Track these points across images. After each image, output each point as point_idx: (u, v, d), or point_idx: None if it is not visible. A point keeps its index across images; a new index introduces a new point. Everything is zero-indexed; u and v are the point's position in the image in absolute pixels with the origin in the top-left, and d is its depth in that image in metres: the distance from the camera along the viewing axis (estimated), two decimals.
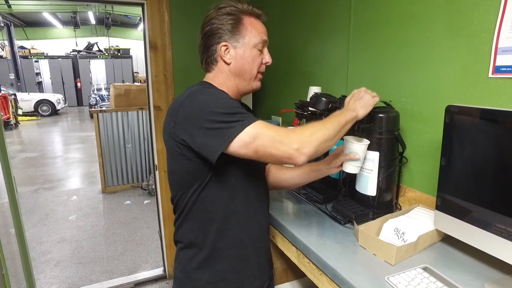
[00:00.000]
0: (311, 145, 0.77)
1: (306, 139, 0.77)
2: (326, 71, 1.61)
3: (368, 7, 1.32)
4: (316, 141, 0.78)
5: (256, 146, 0.76)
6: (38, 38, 15.60)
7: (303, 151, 0.76)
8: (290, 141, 0.76)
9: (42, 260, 2.76)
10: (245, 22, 0.90)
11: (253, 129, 0.76)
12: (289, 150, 0.75)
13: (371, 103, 0.95)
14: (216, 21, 0.89)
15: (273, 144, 0.75)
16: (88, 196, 4.25)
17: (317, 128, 0.81)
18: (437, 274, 0.79)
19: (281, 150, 0.76)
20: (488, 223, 0.77)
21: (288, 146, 0.75)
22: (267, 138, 0.76)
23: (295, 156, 0.76)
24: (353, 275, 0.81)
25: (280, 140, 0.75)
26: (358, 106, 0.93)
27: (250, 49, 0.91)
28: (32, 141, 7.91)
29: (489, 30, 0.90)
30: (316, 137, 0.78)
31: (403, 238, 0.93)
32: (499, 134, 0.76)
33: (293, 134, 0.77)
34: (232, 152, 0.78)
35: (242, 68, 0.92)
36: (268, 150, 0.76)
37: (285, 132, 0.78)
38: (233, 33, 0.89)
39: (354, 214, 1.06)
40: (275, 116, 2.12)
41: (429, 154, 1.11)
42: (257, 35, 0.92)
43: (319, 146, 0.79)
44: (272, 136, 0.76)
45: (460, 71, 0.99)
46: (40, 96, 12.47)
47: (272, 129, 0.77)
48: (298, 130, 0.79)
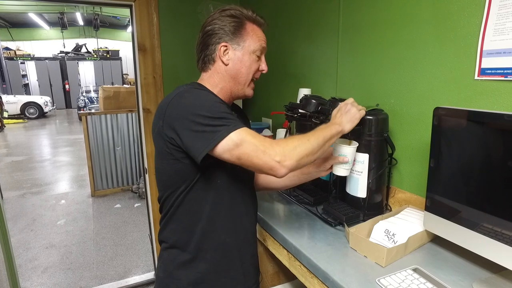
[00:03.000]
0: (293, 158, 0.78)
1: (289, 152, 0.78)
2: (316, 73, 1.62)
3: (357, 9, 1.33)
4: (298, 155, 0.79)
5: (239, 153, 0.77)
6: (24, 39, 15.28)
7: (284, 163, 0.76)
8: (273, 152, 0.76)
9: (29, 266, 2.70)
10: (247, 27, 0.91)
11: (238, 136, 0.77)
12: (271, 162, 0.76)
13: (357, 117, 0.96)
14: (218, 22, 0.90)
15: (256, 154, 0.76)
16: (77, 200, 4.17)
17: (301, 141, 0.81)
18: (427, 275, 0.80)
19: (263, 160, 0.76)
20: (475, 223, 0.79)
21: (270, 157, 0.76)
22: (250, 146, 0.76)
23: (276, 168, 0.77)
24: (344, 278, 0.81)
25: (263, 150, 0.76)
26: (344, 121, 0.94)
27: (249, 54, 0.92)
28: (18, 145, 7.74)
29: (474, 33, 0.91)
30: (299, 151, 0.79)
31: (393, 240, 0.93)
32: (485, 135, 0.77)
33: (276, 146, 0.78)
34: (216, 156, 0.79)
35: (239, 71, 0.92)
36: (250, 158, 0.77)
37: (269, 143, 0.78)
38: (234, 35, 0.90)
39: (344, 216, 1.06)
40: (266, 118, 2.12)
41: (418, 155, 1.12)
42: (257, 41, 0.92)
43: (301, 160, 0.80)
44: (256, 145, 0.76)
45: (447, 73, 1.00)
46: (26, 98, 12.21)
47: (257, 138, 0.78)
48: (282, 142, 0.80)
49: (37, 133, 9.46)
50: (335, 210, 1.11)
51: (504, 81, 0.86)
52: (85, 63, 14.98)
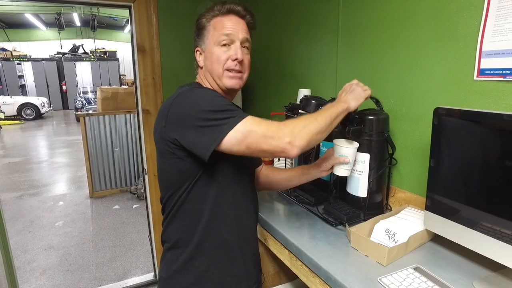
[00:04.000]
0: (303, 138, 0.78)
1: (298, 132, 0.78)
2: (316, 73, 1.63)
3: (356, 10, 1.33)
4: (308, 134, 0.80)
5: (248, 142, 0.77)
6: (20, 40, 15.19)
7: (295, 144, 0.77)
8: (282, 135, 0.77)
9: (28, 268, 2.68)
10: (210, 24, 0.93)
11: (244, 126, 0.77)
12: (281, 144, 0.77)
13: (363, 96, 0.95)
14: (194, 31, 0.98)
15: (265, 140, 0.77)
16: (75, 201, 4.16)
17: (309, 121, 0.82)
18: (428, 274, 0.81)
19: (273, 145, 0.77)
20: (475, 222, 0.79)
21: (280, 140, 0.77)
22: (258, 134, 0.77)
23: (288, 149, 0.78)
24: (346, 277, 0.81)
25: (271, 136, 0.77)
26: (349, 98, 0.93)
27: (213, 47, 0.92)
28: (15, 146, 7.70)
29: (473, 34, 0.92)
30: (308, 130, 0.80)
31: (394, 239, 0.94)
32: (485, 135, 0.78)
33: (285, 128, 0.78)
34: (224, 149, 0.79)
35: (210, 67, 0.94)
36: (260, 146, 0.78)
37: (277, 126, 0.79)
38: (199, 36, 0.96)
39: (345, 215, 1.06)
40: (265, 119, 2.12)
41: (417, 155, 1.13)
42: (219, 31, 0.91)
43: (311, 138, 0.80)
44: (264, 132, 0.77)
45: (446, 74, 1.01)
46: (23, 99, 12.13)
47: (263, 124, 0.78)
48: (289, 123, 0.80)
49: (34, 134, 9.41)
50: (336, 210, 1.11)
51: (503, 81, 0.87)
52: (82, 64, 14.91)
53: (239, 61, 0.91)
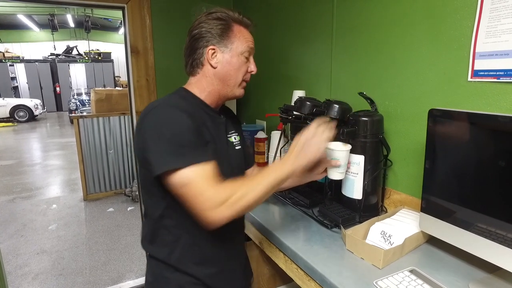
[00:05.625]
0: (227, 216, 0.74)
1: (231, 205, 0.74)
2: (310, 75, 1.62)
3: (350, 11, 1.33)
4: (241, 207, 0.76)
5: (182, 192, 0.76)
6: (13, 41, 15.03)
7: (216, 219, 0.74)
8: (212, 205, 0.73)
9: (19, 273, 2.64)
10: (234, 29, 0.91)
11: (187, 174, 0.74)
12: (204, 214, 0.74)
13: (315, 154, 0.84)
14: (205, 25, 0.88)
15: (195, 201, 0.74)
16: (69, 204, 4.11)
17: (250, 189, 0.77)
18: (424, 276, 0.80)
19: (198, 211, 0.75)
20: (470, 224, 0.79)
21: (206, 212, 0.74)
22: (194, 191, 0.74)
23: (207, 224, 0.75)
24: (342, 280, 0.80)
25: (204, 200, 0.74)
26: (299, 159, 0.83)
27: (237, 55, 0.91)
28: (8, 148, 7.60)
29: (467, 36, 0.92)
30: (244, 202, 0.76)
31: (389, 241, 0.94)
32: (480, 136, 0.78)
33: (219, 198, 0.74)
34: (164, 181, 0.78)
35: (228, 73, 0.91)
36: (189, 202, 0.76)
37: (215, 192, 0.74)
38: (222, 37, 0.89)
39: (341, 218, 1.06)
40: (260, 120, 2.12)
41: (412, 156, 1.13)
42: (245, 42, 0.92)
43: (242, 211, 0.77)
44: (200, 192, 0.74)
45: (441, 75, 1.01)
46: (16, 101, 11.99)
47: (205, 182, 0.74)
48: (227, 192, 0.75)
49: (27, 136, 9.30)
50: (331, 212, 1.10)
51: (497, 82, 0.87)
52: (76, 66, 14.80)
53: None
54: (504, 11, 0.83)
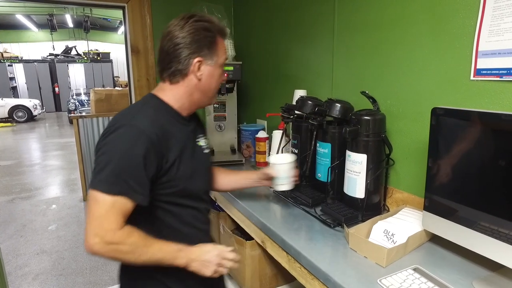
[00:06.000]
0: (101, 252, 0.76)
1: (106, 249, 0.76)
2: (311, 74, 1.62)
3: (352, 11, 1.33)
4: (117, 257, 0.80)
5: (90, 206, 0.77)
6: (11, 41, 14.97)
7: (90, 250, 0.76)
8: (96, 236, 0.75)
9: (19, 274, 2.63)
10: (218, 41, 0.91)
11: (94, 196, 0.77)
12: (86, 239, 0.76)
13: (207, 274, 0.86)
14: (192, 35, 0.86)
15: (88, 225, 0.76)
16: (68, 204, 4.10)
17: (136, 253, 0.79)
18: (428, 274, 0.80)
19: (85, 233, 0.76)
20: (474, 222, 0.79)
21: (88, 238, 0.76)
22: (93, 215, 0.76)
23: (86, 246, 0.76)
24: (346, 279, 0.80)
25: (94, 228, 0.76)
26: (196, 263, 0.86)
27: (218, 67, 0.92)
28: (6, 149, 7.57)
29: (470, 34, 0.93)
30: (125, 258, 0.80)
31: (392, 240, 0.94)
32: (483, 135, 0.78)
33: (107, 236, 0.76)
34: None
35: (210, 86, 0.92)
36: (90, 219, 0.77)
37: (108, 228, 0.76)
38: (210, 50, 0.89)
39: (343, 217, 1.06)
40: (260, 120, 2.12)
41: (414, 155, 1.13)
42: (224, 54, 0.93)
43: (115, 259, 0.80)
44: (97, 219, 0.76)
45: (443, 74, 1.01)
46: (15, 101, 11.95)
47: (107, 213, 0.76)
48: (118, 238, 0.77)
49: (26, 137, 9.27)
50: (334, 211, 1.10)
51: (500, 81, 0.87)
52: (75, 66, 14.75)
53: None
54: (507, 10, 0.84)
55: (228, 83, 1.72)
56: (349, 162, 1.13)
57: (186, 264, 0.85)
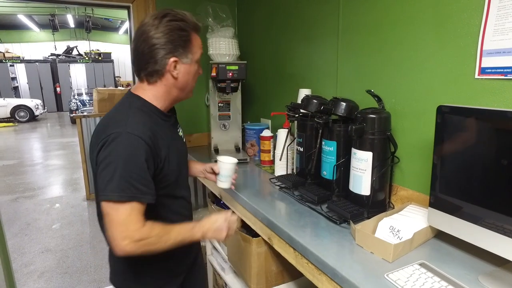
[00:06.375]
0: (132, 252, 0.85)
1: (135, 248, 0.85)
2: (316, 73, 1.64)
3: (356, 10, 1.35)
4: (147, 250, 0.87)
5: (104, 218, 0.85)
6: (13, 41, 15.02)
7: (121, 252, 0.84)
8: (123, 239, 0.83)
9: (25, 271, 2.65)
10: (192, 38, 0.93)
11: (111, 206, 0.83)
12: (114, 243, 0.84)
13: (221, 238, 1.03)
14: (166, 35, 0.89)
15: (112, 230, 0.84)
16: (71, 203, 4.12)
17: (163, 241, 0.89)
18: (434, 269, 0.82)
19: (111, 238, 0.84)
20: (479, 218, 0.80)
21: (115, 241, 0.83)
22: (114, 221, 0.84)
23: (114, 248, 0.84)
24: (353, 274, 0.82)
25: (119, 232, 0.83)
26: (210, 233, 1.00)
27: (194, 64, 0.96)
28: (9, 148, 7.61)
29: (474, 33, 0.94)
30: (153, 248, 0.88)
31: (398, 236, 0.95)
32: (488, 132, 0.79)
33: (132, 236, 0.84)
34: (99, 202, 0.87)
35: (186, 82, 0.97)
36: (108, 227, 0.84)
37: (132, 230, 0.84)
38: (184, 49, 0.92)
39: (349, 213, 1.07)
40: (264, 119, 2.13)
41: (419, 153, 1.14)
42: (199, 50, 0.96)
43: (145, 252, 0.87)
44: (119, 223, 0.83)
45: (448, 73, 1.03)
46: (16, 101, 11.99)
47: (127, 217, 0.83)
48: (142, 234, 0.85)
49: (28, 136, 9.31)
50: (340, 208, 1.12)
51: (504, 79, 0.89)
52: (77, 66, 14.79)
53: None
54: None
55: (233, 83, 1.73)
56: (354, 160, 1.14)
57: (203, 236, 0.98)
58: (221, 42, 1.80)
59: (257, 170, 1.75)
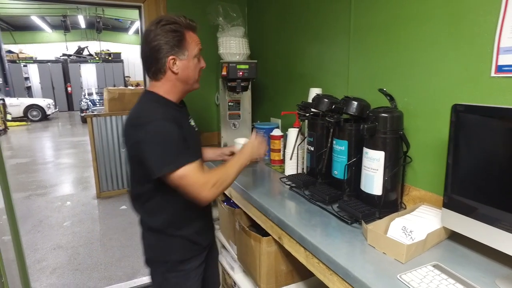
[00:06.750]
0: (215, 194, 1.05)
1: (216, 190, 1.04)
2: (327, 72, 1.63)
3: (368, 8, 1.33)
4: (222, 189, 1.09)
5: (180, 184, 1.00)
6: (26, 42, 15.33)
7: (207, 199, 1.04)
8: (205, 188, 1.02)
9: (38, 267, 2.70)
10: (187, 36, 1.06)
11: (183, 172, 0.99)
12: (199, 196, 1.02)
13: (258, 157, 1.26)
14: (162, 38, 1.03)
15: (193, 188, 1.01)
16: (82, 201, 4.18)
17: (226, 175, 1.09)
18: (448, 271, 0.80)
19: (194, 194, 1.02)
20: (496, 219, 0.79)
21: (201, 194, 1.02)
22: (191, 181, 1.00)
23: (201, 202, 1.04)
24: (365, 274, 0.81)
25: (197, 187, 1.01)
26: (252, 155, 1.21)
27: (192, 59, 1.09)
28: (22, 147, 7.77)
29: (491, 31, 0.92)
30: (224, 186, 1.08)
31: (411, 236, 0.94)
32: (505, 132, 0.77)
33: (208, 183, 1.02)
34: (162, 179, 1.01)
35: (187, 76, 1.10)
36: (187, 189, 1.01)
37: (205, 180, 1.02)
38: (179, 47, 1.05)
39: (361, 213, 1.06)
40: (274, 118, 2.13)
41: (432, 152, 1.13)
42: (195, 46, 1.09)
43: (221, 192, 1.10)
44: (195, 181, 1.01)
45: (462, 71, 1.01)
46: (29, 101, 12.23)
47: (197, 174, 1.01)
48: (213, 180, 1.04)
49: (40, 135, 9.49)
50: (351, 207, 1.11)
51: None
52: (87, 66, 15.01)
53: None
54: None
55: (243, 82, 1.74)
56: (366, 159, 1.13)
57: (249, 160, 1.19)
58: (231, 41, 1.80)
59: (267, 169, 1.75)
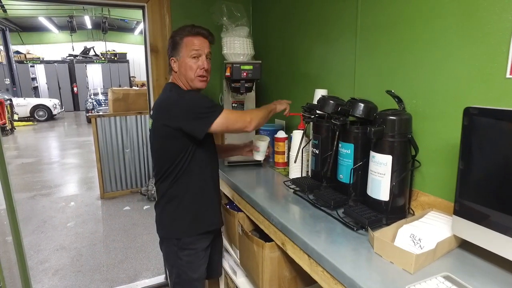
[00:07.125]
0: (255, 122, 1.32)
1: (252, 118, 1.32)
2: (332, 73, 1.59)
3: (376, 7, 1.29)
4: (258, 120, 1.34)
5: (227, 125, 1.27)
6: (34, 42, 15.50)
7: (251, 125, 1.32)
8: (246, 119, 1.31)
9: (40, 268, 2.70)
10: (184, 41, 1.30)
11: (224, 115, 1.25)
12: (245, 124, 1.30)
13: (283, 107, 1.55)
14: (168, 45, 1.36)
15: (235, 123, 1.29)
16: (86, 202, 4.19)
17: (258, 113, 1.37)
18: (460, 283, 0.76)
19: (240, 125, 1.30)
20: (510, 228, 0.75)
21: (244, 123, 1.30)
22: (232, 119, 1.28)
23: (247, 127, 1.31)
24: (372, 285, 0.77)
25: (239, 120, 1.30)
26: (276, 108, 1.50)
27: (186, 58, 1.30)
28: (28, 147, 7.82)
29: (506, 29, 0.88)
30: (258, 118, 1.35)
31: (419, 245, 0.90)
32: None
33: (246, 115, 1.33)
34: (212, 130, 1.25)
35: (184, 72, 1.32)
36: (232, 126, 1.29)
37: (242, 113, 1.35)
38: (174, 50, 1.33)
39: (367, 220, 1.02)
40: (278, 120, 2.09)
41: (442, 157, 1.08)
42: (190, 47, 1.30)
43: (259, 123, 1.35)
44: (235, 118, 1.30)
45: (475, 72, 0.96)
46: (36, 101, 12.35)
47: (234, 113, 1.34)
48: (248, 113, 1.35)
49: (46, 135, 9.56)
50: (357, 213, 1.07)
51: None
52: (93, 66, 15.12)
53: (206, 69, 1.33)
54: None
55: (247, 83, 1.70)
56: (373, 163, 1.09)
57: (274, 109, 1.49)
58: (235, 42, 1.77)
59: (271, 172, 1.72)
